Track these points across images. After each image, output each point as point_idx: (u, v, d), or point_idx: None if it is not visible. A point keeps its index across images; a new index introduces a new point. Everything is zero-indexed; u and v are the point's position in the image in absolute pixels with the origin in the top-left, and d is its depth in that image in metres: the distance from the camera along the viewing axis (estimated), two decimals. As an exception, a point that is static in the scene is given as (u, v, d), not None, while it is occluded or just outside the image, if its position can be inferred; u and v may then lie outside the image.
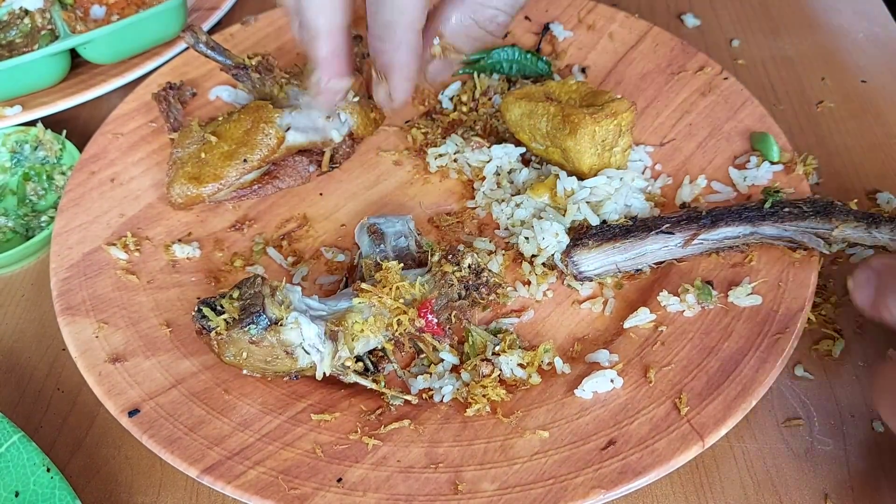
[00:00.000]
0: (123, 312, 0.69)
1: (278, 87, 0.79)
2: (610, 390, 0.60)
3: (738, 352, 0.61)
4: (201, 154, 0.76)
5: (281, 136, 0.76)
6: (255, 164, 0.76)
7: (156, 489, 0.62)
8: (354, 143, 0.82)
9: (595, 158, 0.71)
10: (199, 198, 0.75)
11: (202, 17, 1.02)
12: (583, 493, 0.53)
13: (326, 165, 0.81)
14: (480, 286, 0.65)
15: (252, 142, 0.75)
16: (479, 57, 0.90)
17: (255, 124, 0.76)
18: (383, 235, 0.70)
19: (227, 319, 0.58)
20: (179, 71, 0.90)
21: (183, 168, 0.75)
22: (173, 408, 0.61)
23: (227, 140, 0.76)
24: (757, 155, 0.75)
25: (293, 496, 0.55)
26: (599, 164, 0.71)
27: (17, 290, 0.79)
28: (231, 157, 0.75)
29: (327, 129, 0.79)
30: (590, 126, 0.68)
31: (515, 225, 0.73)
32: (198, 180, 0.75)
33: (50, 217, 0.83)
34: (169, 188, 0.75)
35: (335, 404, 0.62)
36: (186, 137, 0.78)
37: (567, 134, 0.69)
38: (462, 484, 0.55)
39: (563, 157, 0.72)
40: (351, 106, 0.80)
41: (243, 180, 0.77)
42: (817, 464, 0.60)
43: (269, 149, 0.76)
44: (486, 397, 0.60)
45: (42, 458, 0.58)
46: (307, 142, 0.79)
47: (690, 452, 0.55)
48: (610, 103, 0.70)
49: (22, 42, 0.95)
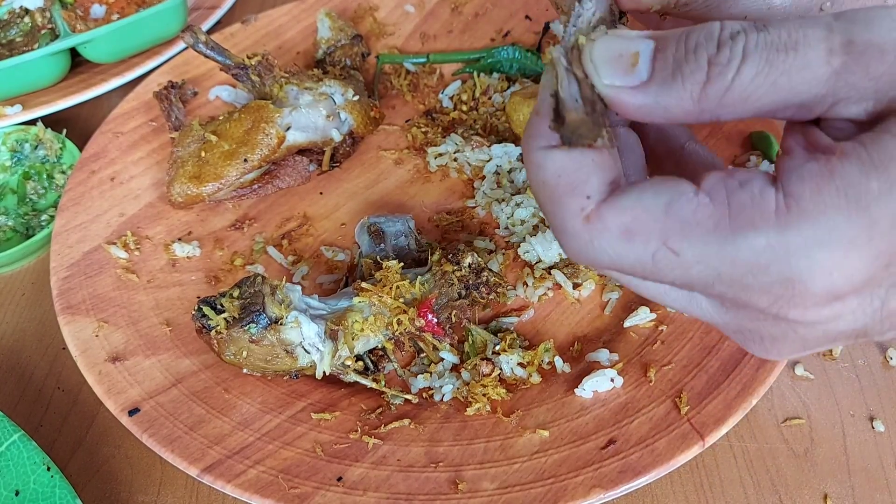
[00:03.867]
0: (123, 311, 0.69)
1: (278, 86, 0.78)
2: (610, 389, 0.60)
3: (738, 351, 0.61)
4: (202, 153, 0.75)
5: (281, 135, 0.76)
6: (256, 164, 0.76)
7: (156, 488, 0.62)
8: (355, 142, 0.82)
9: None
10: (200, 197, 0.75)
11: (202, 17, 1.02)
12: (583, 492, 0.53)
13: (327, 164, 0.81)
14: (480, 285, 0.65)
15: (252, 141, 0.75)
16: (479, 56, 0.90)
17: (255, 124, 0.76)
18: (383, 234, 0.70)
19: (227, 318, 0.58)
20: (180, 70, 0.90)
21: (183, 167, 0.75)
22: (173, 407, 0.61)
23: (227, 139, 0.76)
24: (757, 155, 0.75)
25: (293, 495, 0.55)
26: None
27: (17, 289, 0.79)
28: (231, 157, 0.75)
29: (327, 128, 0.79)
30: None
31: (515, 224, 0.73)
32: (198, 179, 0.75)
33: (50, 216, 0.83)
34: (169, 187, 0.75)
35: (335, 403, 0.62)
36: (187, 136, 0.78)
37: None
38: (462, 483, 0.55)
39: None
40: (351, 104, 0.80)
41: (243, 180, 0.77)
42: (817, 463, 0.60)
43: (270, 148, 0.76)
44: (486, 396, 0.60)
45: (42, 457, 0.58)
46: (307, 141, 0.79)
47: (690, 452, 0.55)
48: None
49: (22, 41, 0.95)
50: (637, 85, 0.34)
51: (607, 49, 0.35)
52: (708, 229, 0.33)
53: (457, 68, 0.91)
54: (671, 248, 0.34)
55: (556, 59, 0.36)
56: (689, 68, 0.33)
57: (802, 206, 0.31)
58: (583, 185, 0.35)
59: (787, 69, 0.32)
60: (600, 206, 0.35)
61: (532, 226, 0.73)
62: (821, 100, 0.33)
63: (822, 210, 0.31)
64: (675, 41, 0.34)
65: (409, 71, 0.91)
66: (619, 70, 0.34)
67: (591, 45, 0.35)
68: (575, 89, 0.35)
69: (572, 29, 0.37)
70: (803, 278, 0.32)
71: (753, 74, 0.32)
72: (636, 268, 0.35)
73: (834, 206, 0.31)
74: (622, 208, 0.34)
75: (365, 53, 0.90)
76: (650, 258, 0.34)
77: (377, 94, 0.89)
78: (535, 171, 0.36)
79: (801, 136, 0.35)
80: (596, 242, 0.35)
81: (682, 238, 0.33)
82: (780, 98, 0.33)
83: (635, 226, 0.34)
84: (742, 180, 0.33)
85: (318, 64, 0.90)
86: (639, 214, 0.34)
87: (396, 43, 0.95)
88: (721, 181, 0.33)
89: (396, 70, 0.91)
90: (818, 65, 0.32)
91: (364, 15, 0.97)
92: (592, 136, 0.34)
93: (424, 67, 0.91)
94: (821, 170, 0.31)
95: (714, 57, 0.33)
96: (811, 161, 0.32)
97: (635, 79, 0.34)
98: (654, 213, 0.34)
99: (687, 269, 0.34)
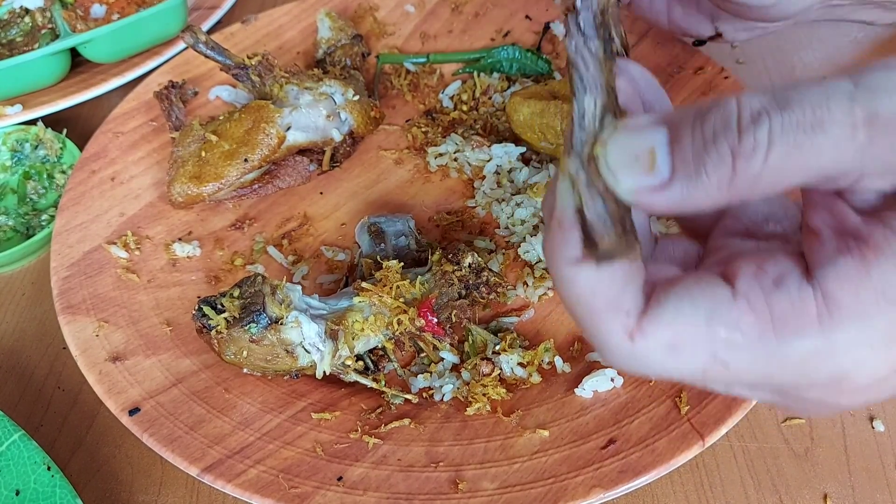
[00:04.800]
0: (124, 311, 0.69)
1: (278, 86, 0.78)
2: (610, 389, 0.60)
3: (738, 351, 0.61)
4: (202, 153, 0.75)
5: (282, 135, 0.76)
6: (256, 164, 0.76)
7: (156, 488, 0.62)
8: (355, 142, 0.82)
9: None
10: (200, 197, 0.75)
11: (202, 16, 1.02)
12: (583, 492, 0.53)
13: (328, 164, 0.81)
14: (481, 285, 0.65)
15: (253, 141, 0.75)
16: (480, 56, 0.90)
17: (255, 124, 0.76)
18: (384, 234, 0.70)
19: (227, 318, 0.58)
20: (180, 70, 0.90)
21: (184, 167, 0.75)
22: (174, 406, 0.61)
23: (227, 139, 0.76)
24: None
25: (293, 495, 0.55)
26: None
27: (18, 288, 0.79)
28: (232, 157, 0.75)
29: (328, 128, 0.79)
30: None
31: (515, 224, 0.73)
32: (199, 179, 0.75)
33: (50, 216, 0.83)
34: (170, 187, 0.75)
35: (335, 403, 0.62)
36: (187, 136, 0.78)
37: None
38: (462, 483, 0.55)
39: None
40: (351, 104, 0.79)
41: (244, 180, 0.77)
42: (817, 463, 0.60)
43: (270, 148, 0.76)
44: (486, 396, 0.60)
45: (42, 457, 0.58)
46: (308, 141, 0.78)
47: (691, 452, 0.55)
48: None
49: (22, 41, 0.95)
50: (659, 185, 0.33)
51: (621, 152, 0.33)
52: (753, 339, 0.33)
53: (457, 68, 0.91)
54: (720, 359, 0.34)
55: (575, 177, 0.34)
56: (713, 163, 0.31)
57: (844, 311, 0.32)
58: (620, 299, 0.34)
59: (815, 151, 0.31)
60: (641, 322, 0.34)
61: (532, 226, 0.73)
62: (847, 174, 0.32)
63: (863, 312, 0.32)
64: (689, 129, 0.32)
65: (409, 71, 0.91)
66: (639, 173, 0.33)
67: (604, 151, 0.33)
68: (601, 207, 0.33)
69: (581, 134, 0.34)
70: (850, 375, 0.33)
71: (782, 159, 0.31)
72: (687, 378, 0.36)
73: (874, 306, 0.32)
74: (664, 324, 0.34)
75: (365, 53, 0.90)
76: (700, 372, 0.35)
77: (377, 94, 0.89)
78: (567, 287, 0.35)
79: (828, 214, 0.34)
80: (643, 359, 0.35)
81: (729, 350, 0.33)
82: (810, 177, 0.32)
83: (680, 341, 0.34)
84: (776, 278, 0.33)
85: (318, 64, 0.90)
86: (682, 329, 0.34)
87: (396, 43, 0.95)
88: (755, 281, 0.33)
89: (396, 70, 0.91)
90: (844, 142, 0.31)
91: (364, 15, 0.97)
92: (627, 255, 0.34)
93: (424, 67, 0.91)
94: (858, 271, 0.32)
95: (737, 147, 0.31)
96: (846, 256, 0.32)
97: (657, 178, 0.32)
98: (698, 327, 0.33)
99: (738, 377, 0.35)
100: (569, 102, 0.71)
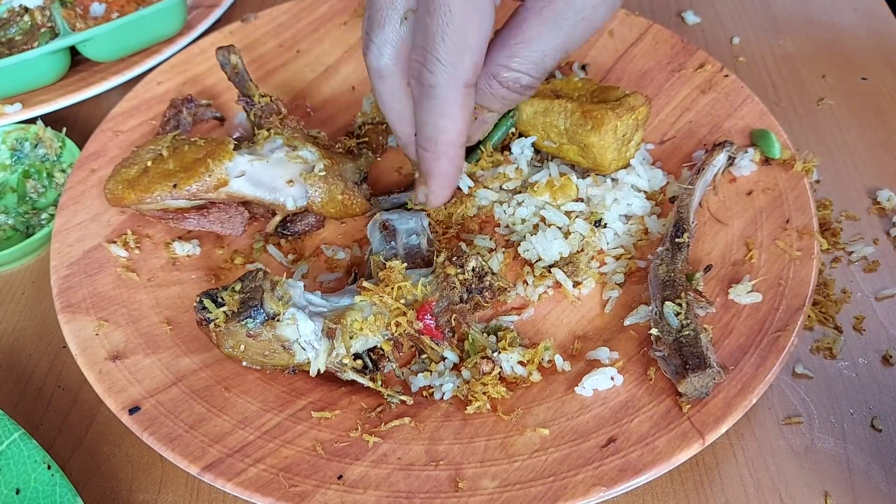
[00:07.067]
0: (124, 310, 0.69)
1: (266, 131, 0.75)
2: (610, 388, 0.60)
3: (738, 349, 0.61)
4: (149, 163, 0.72)
5: (224, 179, 0.71)
6: (185, 195, 0.71)
7: (156, 486, 0.62)
8: (319, 222, 0.76)
9: (615, 153, 0.71)
10: (125, 202, 0.71)
11: (202, 15, 1.01)
12: (583, 490, 0.54)
13: (272, 228, 0.75)
14: (484, 290, 0.64)
15: (193, 172, 0.71)
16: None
17: (205, 157, 0.71)
18: (395, 232, 0.70)
19: (226, 312, 0.58)
20: (179, 69, 0.90)
21: (128, 168, 0.72)
22: (173, 405, 0.61)
23: (176, 160, 0.72)
24: (756, 148, 0.75)
25: (293, 493, 0.55)
26: (619, 159, 0.72)
27: (18, 287, 0.79)
28: (167, 178, 0.71)
29: (284, 192, 0.73)
30: (612, 121, 0.68)
31: (515, 223, 0.73)
32: (130, 186, 0.71)
33: (50, 214, 0.83)
34: (108, 180, 0.73)
35: (335, 402, 0.62)
36: (154, 143, 0.75)
37: (589, 130, 0.69)
38: (462, 481, 0.55)
39: (580, 154, 0.72)
40: (313, 177, 0.72)
41: (171, 204, 0.72)
42: (817, 462, 0.60)
43: (206, 186, 0.71)
44: (486, 395, 0.60)
45: (43, 456, 0.59)
46: (252, 196, 0.73)
47: (691, 450, 0.55)
48: (626, 98, 0.70)
49: (22, 40, 0.95)
50: None
51: None
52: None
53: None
54: None
55: None
56: None
57: None
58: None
59: None
60: None
61: (532, 225, 0.73)
62: None
63: None
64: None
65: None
66: None
67: None
68: None
69: None
70: None
71: None
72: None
73: None
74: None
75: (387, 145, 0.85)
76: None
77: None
78: None
79: None
80: None
81: None
82: None
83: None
84: None
85: (349, 133, 0.85)
86: None
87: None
88: None
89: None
90: None
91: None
92: None
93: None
94: None
95: None
96: None
97: None
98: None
99: None
100: (571, 101, 0.71)
